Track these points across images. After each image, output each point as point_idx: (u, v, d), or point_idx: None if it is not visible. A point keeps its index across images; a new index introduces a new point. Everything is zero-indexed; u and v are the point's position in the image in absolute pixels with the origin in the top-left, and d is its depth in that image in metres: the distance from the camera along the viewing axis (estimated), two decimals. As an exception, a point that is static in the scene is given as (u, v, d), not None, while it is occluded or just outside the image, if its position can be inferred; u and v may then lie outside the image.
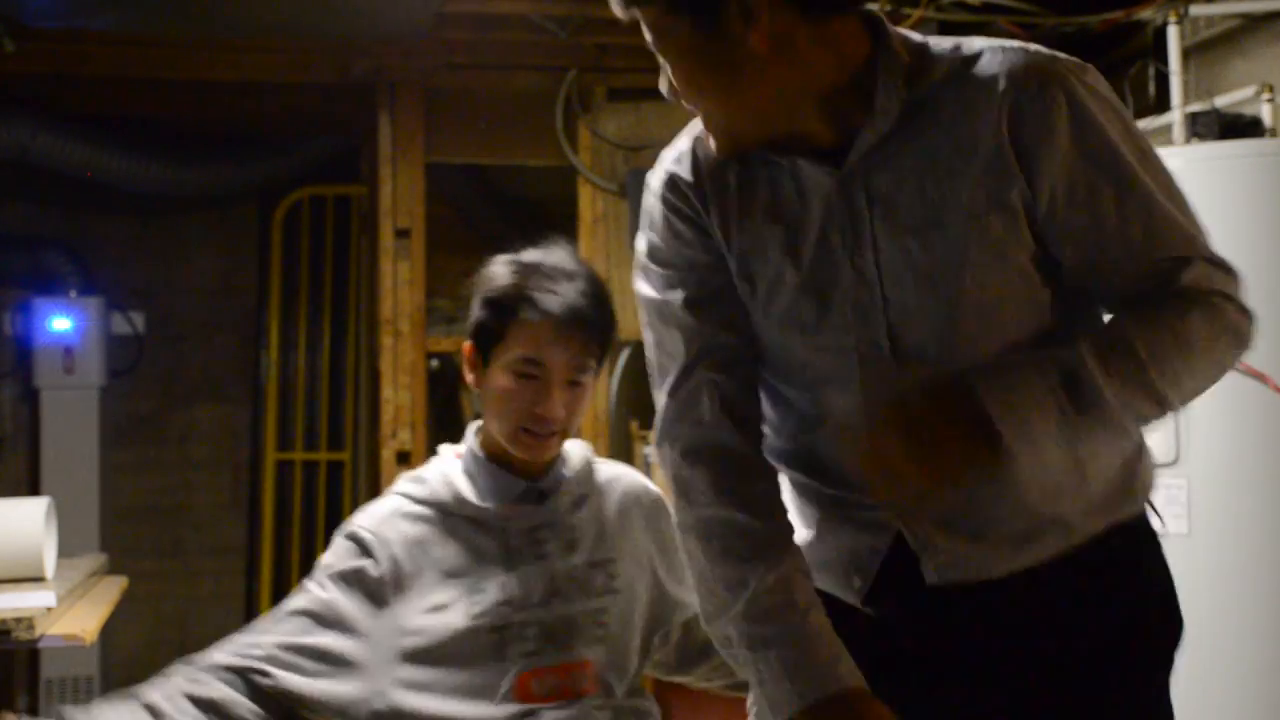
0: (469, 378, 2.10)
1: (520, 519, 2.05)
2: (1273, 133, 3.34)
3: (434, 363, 5.34)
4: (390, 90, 4.93)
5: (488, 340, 2.04)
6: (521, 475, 2.08)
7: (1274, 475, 3.01)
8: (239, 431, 6.26)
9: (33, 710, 5.56)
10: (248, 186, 5.92)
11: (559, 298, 1.99)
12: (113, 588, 3.49)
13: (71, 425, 5.69)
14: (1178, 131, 3.53)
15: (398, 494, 2.11)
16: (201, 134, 5.73)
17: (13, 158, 5.04)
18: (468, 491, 2.06)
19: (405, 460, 4.86)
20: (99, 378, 5.75)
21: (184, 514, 6.20)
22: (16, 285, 5.85)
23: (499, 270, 2.06)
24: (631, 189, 4.97)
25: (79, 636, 2.77)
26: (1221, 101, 3.55)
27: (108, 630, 3.73)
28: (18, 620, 2.65)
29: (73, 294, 5.73)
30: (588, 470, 2.14)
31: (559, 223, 5.39)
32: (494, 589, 2.01)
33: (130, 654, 5.99)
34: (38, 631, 2.68)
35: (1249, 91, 3.51)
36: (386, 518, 2.07)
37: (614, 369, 4.81)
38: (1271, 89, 3.39)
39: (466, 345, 2.09)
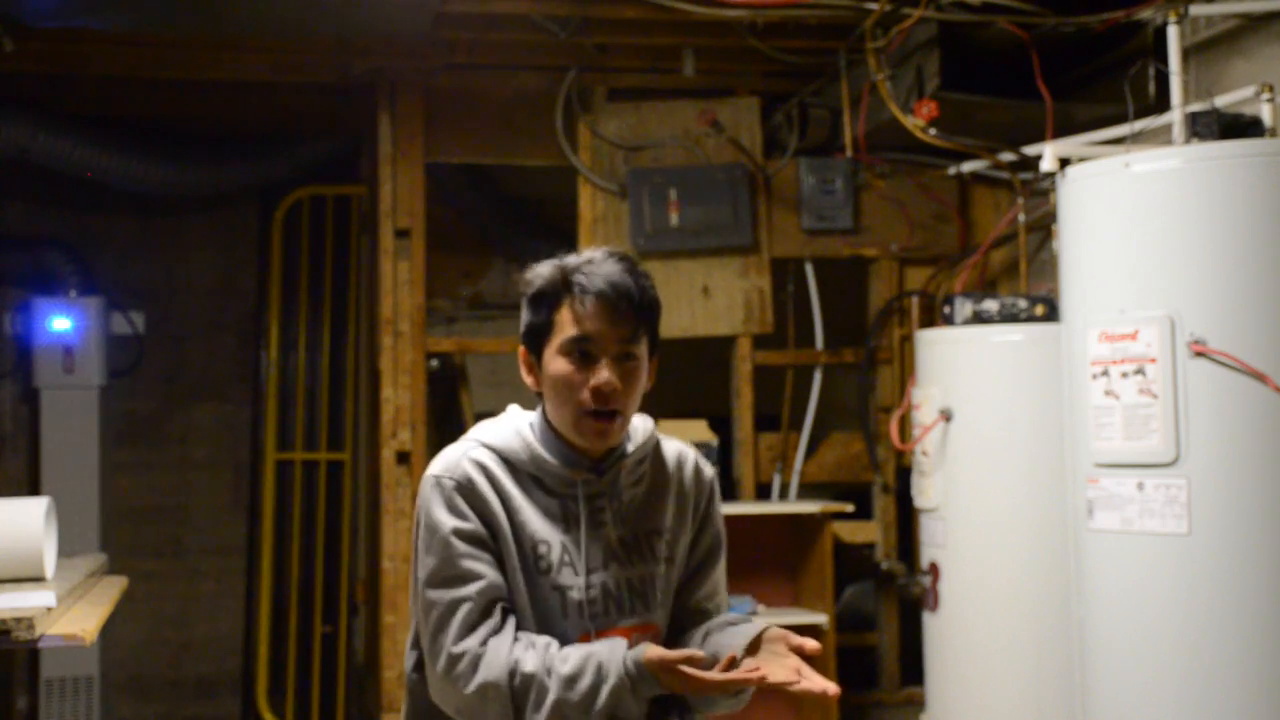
0: (529, 381, 2.09)
1: (582, 486, 2.07)
2: (1273, 133, 3.33)
3: (434, 363, 5.34)
4: (390, 90, 4.93)
5: (539, 336, 2.05)
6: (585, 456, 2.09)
7: (1274, 475, 3.00)
8: (239, 431, 6.26)
9: (32, 710, 5.56)
10: (248, 186, 5.92)
11: (600, 276, 1.99)
12: (113, 588, 3.50)
13: (71, 425, 5.69)
14: (1178, 131, 3.52)
15: (473, 439, 2.10)
16: (201, 134, 5.73)
17: (13, 158, 5.05)
18: (536, 450, 2.06)
19: (405, 460, 4.86)
20: (99, 378, 5.74)
21: (184, 514, 6.20)
22: (16, 285, 5.85)
23: (540, 270, 2.07)
24: (632, 189, 4.97)
25: (79, 636, 2.77)
26: (1221, 101, 3.55)
27: (108, 630, 3.74)
28: (18, 620, 2.66)
29: (73, 294, 5.73)
30: (651, 442, 2.15)
31: (559, 223, 5.40)
32: (556, 549, 2.04)
33: (130, 654, 6.00)
34: (38, 631, 2.68)
35: (1249, 91, 3.51)
36: (468, 464, 2.06)
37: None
38: (1271, 89, 3.38)
39: (521, 350, 2.09)
